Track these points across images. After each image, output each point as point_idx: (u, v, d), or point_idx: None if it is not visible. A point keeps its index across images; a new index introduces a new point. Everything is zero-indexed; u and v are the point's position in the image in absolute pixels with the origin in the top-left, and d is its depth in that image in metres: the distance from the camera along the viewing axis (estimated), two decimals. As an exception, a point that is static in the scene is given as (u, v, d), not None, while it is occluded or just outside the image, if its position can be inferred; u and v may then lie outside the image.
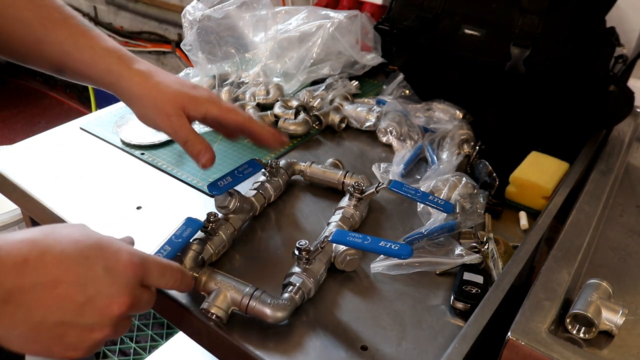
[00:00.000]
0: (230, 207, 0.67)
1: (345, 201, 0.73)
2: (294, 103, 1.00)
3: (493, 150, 0.84)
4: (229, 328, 0.57)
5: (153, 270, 0.49)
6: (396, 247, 0.56)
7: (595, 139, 0.84)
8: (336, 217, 0.70)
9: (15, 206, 1.05)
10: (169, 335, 1.61)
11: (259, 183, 0.75)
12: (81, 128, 0.97)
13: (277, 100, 1.01)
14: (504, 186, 0.78)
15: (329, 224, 0.70)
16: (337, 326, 0.58)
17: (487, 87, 0.90)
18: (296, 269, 0.60)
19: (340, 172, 0.78)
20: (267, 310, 0.55)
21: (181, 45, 1.07)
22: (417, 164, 0.86)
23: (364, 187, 0.72)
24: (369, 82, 1.16)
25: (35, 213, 0.83)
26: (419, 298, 0.62)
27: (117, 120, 0.97)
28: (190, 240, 0.60)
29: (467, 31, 0.88)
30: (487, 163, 0.79)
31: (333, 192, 0.79)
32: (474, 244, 0.67)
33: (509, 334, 0.46)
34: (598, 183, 0.70)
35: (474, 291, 0.60)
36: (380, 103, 1.00)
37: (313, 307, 0.60)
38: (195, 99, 0.64)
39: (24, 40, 0.63)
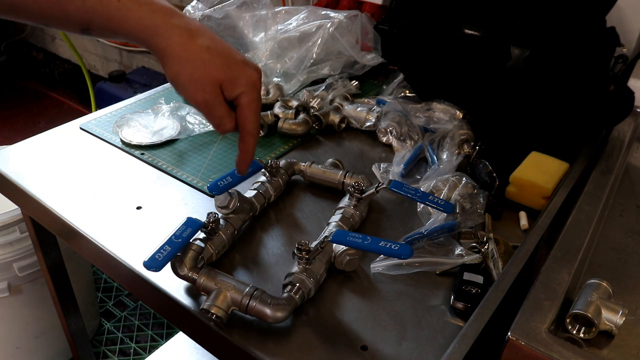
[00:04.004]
0: (230, 207, 0.67)
1: (345, 201, 0.73)
2: (294, 103, 1.00)
3: (493, 150, 0.84)
4: (229, 328, 0.57)
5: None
6: (396, 247, 0.56)
7: (595, 139, 0.84)
8: (336, 217, 0.70)
9: (15, 206, 1.05)
10: (169, 335, 1.61)
11: (259, 183, 0.75)
12: (81, 128, 0.97)
13: (277, 100, 1.01)
14: (504, 186, 0.78)
15: (329, 224, 0.70)
16: (337, 326, 0.58)
17: (487, 87, 0.90)
18: (296, 269, 0.60)
19: (340, 172, 0.78)
20: (267, 310, 0.55)
21: (181, 45, 1.07)
22: (417, 164, 0.85)
23: (364, 187, 0.72)
24: (369, 82, 1.16)
25: (35, 213, 0.83)
26: (419, 298, 0.62)
27: (117, 120, 0.97)
28: (190, 240, 0.60)
29: (467, 31, 0.88)
30: (487, 163, 0.79)
31: (333, 192, 0.79)
32: (474, 244, 0.67)
33: (509, 334, 0.46)
34: (598, 183, 0.70)
35: (474, 291, 0.60)
36: (380, 103, 1.00)
37: (313, 307, 0.60)
38: (235, 77, 0.58)
39: (40, 1, 0.54)
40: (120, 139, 0.93)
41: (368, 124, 0.96)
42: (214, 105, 0.58)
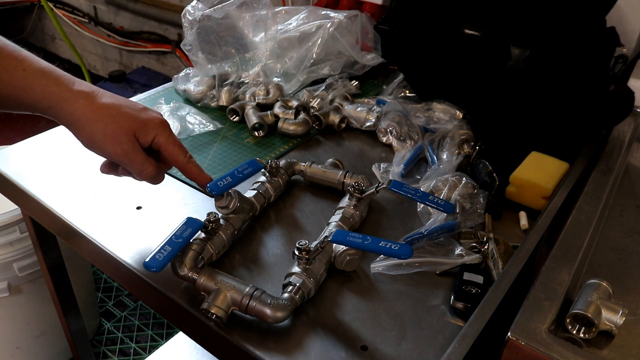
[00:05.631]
0: (230, 207, 0.67)
1: (345, 201, 0.73)
2: (294, 103, 1.00)
3: (493, 150, 0.84)
4: (229, 328, 0.57)
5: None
6: (396, 247, 0.56)
7: (595, 139, 0.84)
8: (336, 217, 0.70)
9: (15, 206, 1.05)
10: (169, 335, 1.61)
11: (259, 183, 0.75)
12: (81, 128, 0.97)
13: (277, 100, 1.01)
14: (504, 186, 0.78)
15: (329, 224, 0.69)
16: (337, 326, 0.58)
17: (487, 87, 0.90)
18: (296, 269, 0.60)
19: (340, 172, 0.78)
20: (267, 310, 0.55)
21: (181, 45, 1.07)
22: (417, 164, 0.86)
23: (364, 187, 0.72)
24: (369, 82, 1.16)
25: (35, 213, 0.83)
26: (419, 298, 0.62)
27: (117, 120, 0.97)
28: (190, 240, 0.60)
29: (467, 31, 0.88)
30: (487, 163, 0.79)
31: (333, 192, 0.79)
32: (474, 244, 0.67)
33: (509, 334, 0.46)
34: (598, 183, 0.70)
35: (474, 291, 0.60)
36: (380, 103, 1.00)
37: (313, 307, 0.60)
38: (144, 124, 0.61)
39: None
40: (120, 139, 0.92)
41: (368, 124, 0.96)
42: (133, 153, 0.61)
